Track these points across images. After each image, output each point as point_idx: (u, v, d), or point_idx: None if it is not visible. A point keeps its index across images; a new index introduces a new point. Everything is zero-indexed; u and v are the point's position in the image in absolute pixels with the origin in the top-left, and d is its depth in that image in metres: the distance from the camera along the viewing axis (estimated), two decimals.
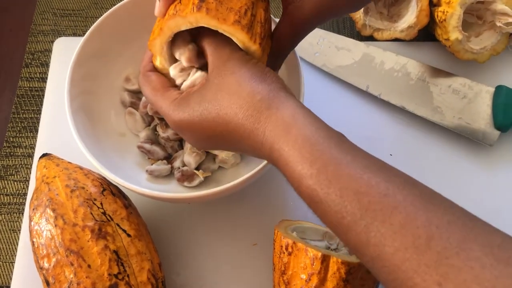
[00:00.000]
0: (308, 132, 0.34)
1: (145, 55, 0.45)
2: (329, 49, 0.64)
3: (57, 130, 0.60)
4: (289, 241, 0.44)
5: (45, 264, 0.43)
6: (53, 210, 0.44)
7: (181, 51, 0.42)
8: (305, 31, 0.42)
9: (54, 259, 0.43)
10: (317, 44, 0.65)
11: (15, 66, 0.67)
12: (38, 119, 0.62)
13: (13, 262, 0.55)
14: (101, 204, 0.46)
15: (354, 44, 0.64)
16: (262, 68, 0.38)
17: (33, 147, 0.61)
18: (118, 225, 0.45)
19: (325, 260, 0.42)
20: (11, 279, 0.53)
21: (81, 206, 0.45)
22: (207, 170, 0.54)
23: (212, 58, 0.39)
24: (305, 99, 0.49)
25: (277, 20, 0.44)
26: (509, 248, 0.27)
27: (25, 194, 0.58)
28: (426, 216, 0.29)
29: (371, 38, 0.66)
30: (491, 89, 0.59)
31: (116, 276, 0.43)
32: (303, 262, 0.43)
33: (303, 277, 0.43)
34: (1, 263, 0.55)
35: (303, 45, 0.65)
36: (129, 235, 0.45)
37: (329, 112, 0.61)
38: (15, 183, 0.59)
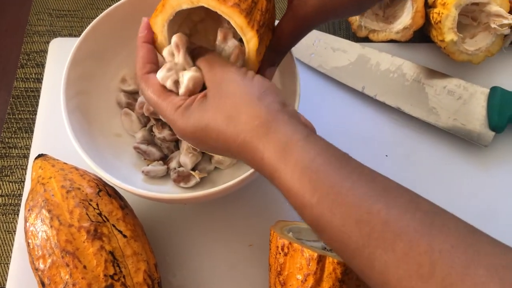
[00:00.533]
0: (306, 159, 0.33)
1: (138, 57, 0.43)
2: (325, 50, 0.64)
3: (53, 130, 0.60)
4: (285, 242, 0.44)
5: (41, 265, 0.43)
6: (49, 211, 0.44)
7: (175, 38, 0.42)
8: (307, 28, 0.42)
9: (49, 260, 0.43)
10: (313, 45, 0.65)
11: (11, 66, 0.67)
12: (33, 120, 0.62)
13: (8, 263, 0.55)
14: (97, 205, 0.46)
15: (349, 45, 0.64)
16: (259, 85, 0.38)
17: (28, 148, 0.61)
18: (114, 226, 0.45)
19: (321, 260, 0.42)
20: (6, 280, 0.53)
21: (77, 207, 0.45)
22: (203, 170, 0.54)
23: (207, 76, 0.40)
24: (301, 100, 0.49)
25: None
26: None
27: (21, 195, 0.58)
28: (428, 241, 0.28)
29: (366, 39, 0.66)
30: (486, 90, 0.59)
31: (112, 277, 0.43)
32: (299, 262, 0.43)
33: (299, 277, 0.43)
34: None
35: (299, 46, 0.65)
36: (125, 236, 0.45)
37: (325, 113, 0.62)
38: (11, 184, 0.59)
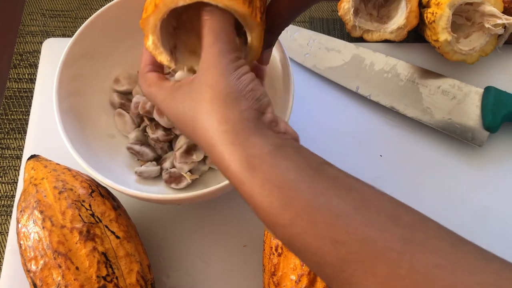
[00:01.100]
0: (274, 176, 0.31)
1: (143, 58, 0.43)
2: (319, 50, 0.64)
3: (46, 131, 0.60)
4: (278, 242, 0.44)
5: (33, 266, 0.43)
6: (41, 212, 0.44)
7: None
8: (302, 7, 0.40)
9: (41, 262, 0.42)
10: (307, 45, 0.65)
11: (3, 67, 0.67)
12: (26, 121, 0.62)
13: (0, 265, 0.54)
14: (90, 205, 0.45)
15: (344, 45, 0.64)
16: (243, 86, 0.35)
17: (21, 149, 0.60)
18: (106, 227, 0.45)
19: None
20: None
21: (69, 208, 0.44)
22: (197, 171, 0.54)
23: (203, 55, 0.36)
24: (295, 100, 0.49)
25: None
26: (502, 286, 0.25)
27: (13, 196, 0.58)
28: (410, 262, 0.26)
29: (361, 39, 0.66)
30: (480, 90, 0.59)
31: (104, 278, 0.42)
32: (293, 263, 0.43)
33: (293, 278, 0.43)
34: None
35: (293, 47, 0.65)
36: (118, 237, 0.45)
37: (319, 113, 0.62)
38: (3, 185, 0.59)
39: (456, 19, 0.62)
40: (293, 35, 0.66)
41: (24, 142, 0.60)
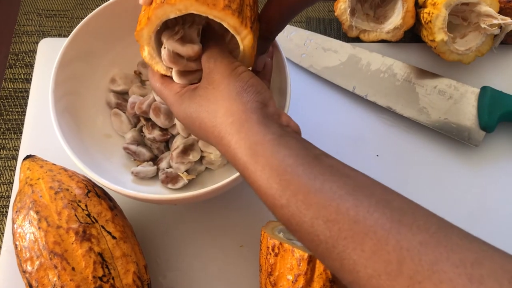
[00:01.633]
0: (274, 161, 0.33)
1: None
2: (315, 50, 0.64)
3: (42, 131, 0.59)
4: (275, 242, 0.44)
5: (28, 267, 0.42)
6: (37, 212, 0.44)
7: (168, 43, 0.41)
8: (294, 12, 0.42)
9: (37, 262, 0.42)
10: (303, 45, 0.65)
11: None
12: (22, 121, 0.62)
13: None
14: (86, 206, 0.45)
15: (340, 45, 0.64)
16: (243, 82, 0.38)
17: (17, 149, 0.60)
18: (103, 227, 0.45)
19: (311, 260, 0.42)
20: None
21: (65, 208, 0.44)
22: (194, 171, 0.54)
23: (203, 63, 0.41)
24: (291, 100, 0.49)
25: None
26: (483, 262, 0.26)
27: (9, 196, 0.58)
28: (396, 239, 0.28)
29: (357, 39, 0.66)
30: (476, 90, 0.59)
31: (100, 278, 0.42)
32: (290, 263, 0.43)
33: (290, 278, 0.43)
34: None
35: (290, 47, 0.65)
36: (114, 237, 0.45)
37: (316, 113, 0.62)
38: None
39: (452, 19, 0.62)
40: (290, 35, 0.66)
41: (20, 142, 0.60)
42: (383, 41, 0.66)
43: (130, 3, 0.52)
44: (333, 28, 0.69)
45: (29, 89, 0.63)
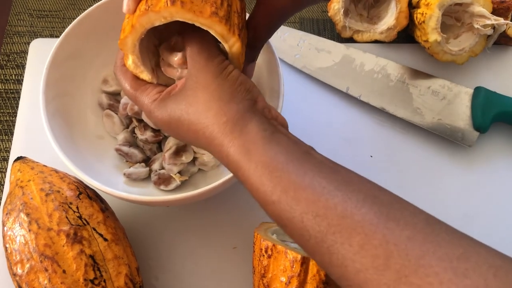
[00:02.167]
0: (266, 158, 0.34)
1: (119, 52, 0.44)
2: (309, 51, 0.64)
3: (33, 133, 0.59)
4: (268, 244, 0.44)
5: (19, 270, 0.42)
6: (27, 214, 0.43)
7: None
8: (281, 19, 0.42)
9: (27, 265, 0.42)
10: (297, 46, 0.65)
11: None
12: (13, 122, 0.61)
13: None
14: (77, 208, 0.45)
15: (334, 46, 0.64)
16: (233, 82, 0.38)
17: (8, 151, 0.60)
18: (94, 229, 0.44)
19: (304, 262, 0.42)
20: None
21: (56, 210, 0.44)
22: (186, 173, 0.54)
23: (190, 62, 0.39)
24: (285, 101, 0.49)
25: None
26: (469, 257, 0.27)
27: (0, 198, 0.57)
28: (383, 234, 0.29)
29: (351, 40, 0.66)
30: (470, 90, 0.59)
31: (92, 281, 0.42)
32: (283, 264, 0.42)
33: (283, 279, 0.42)
34: None
35: (283, 47, 0.65)
36: (105, 239, 0.44)
37: (310, 114, 0.61)
38: None
39: (445, 19, 0.62)
40: (283, 35, 0.65)
41: (11, 143, 0.59)
42: (376, 42, 0.66)
43: (121, 3, 0.52)
44: (326, 28, 0.69)
45: (21, 90, 0.62)
